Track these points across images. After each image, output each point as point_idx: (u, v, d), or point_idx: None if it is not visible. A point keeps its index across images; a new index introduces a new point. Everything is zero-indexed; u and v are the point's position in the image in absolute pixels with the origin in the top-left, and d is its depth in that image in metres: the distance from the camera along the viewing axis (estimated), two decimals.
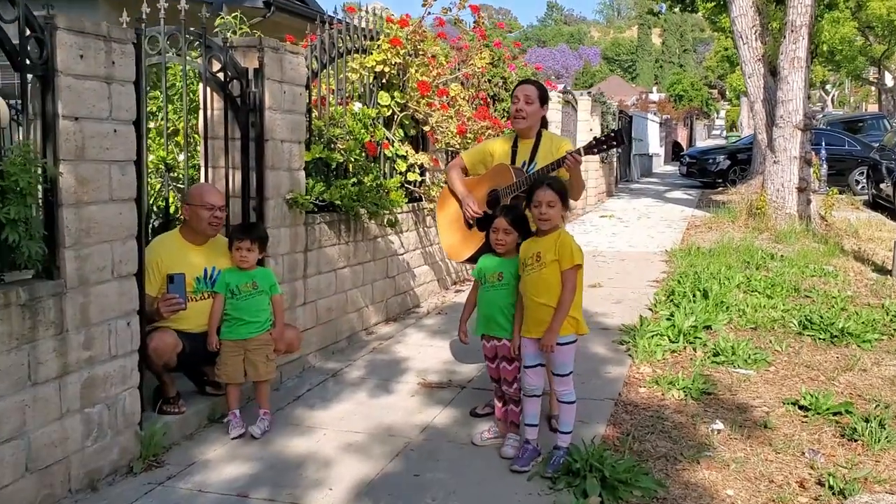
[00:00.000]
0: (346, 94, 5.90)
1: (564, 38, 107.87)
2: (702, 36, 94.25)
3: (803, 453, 3.91)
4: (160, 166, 4.86)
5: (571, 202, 4.06)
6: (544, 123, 4.43)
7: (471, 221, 4.38)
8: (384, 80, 6.23)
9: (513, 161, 4.33)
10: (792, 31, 11.35)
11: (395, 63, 6.07)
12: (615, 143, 4.11)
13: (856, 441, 4.01)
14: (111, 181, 3.50)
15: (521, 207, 4.00)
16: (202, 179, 4.77)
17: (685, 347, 5.68)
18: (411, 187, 6.66)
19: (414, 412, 4.47)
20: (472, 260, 4.33)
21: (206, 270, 4.17)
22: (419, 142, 6.86)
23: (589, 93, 17.27)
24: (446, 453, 3.90)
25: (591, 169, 16.67)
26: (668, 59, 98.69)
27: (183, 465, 3.76)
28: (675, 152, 37.42)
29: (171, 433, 3.99)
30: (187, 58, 4.57)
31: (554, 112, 12.70)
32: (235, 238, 4.13)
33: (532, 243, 3.74)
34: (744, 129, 36.65)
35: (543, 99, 4.32)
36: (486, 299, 3.94)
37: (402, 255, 6.72)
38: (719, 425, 4.25)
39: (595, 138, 4.17)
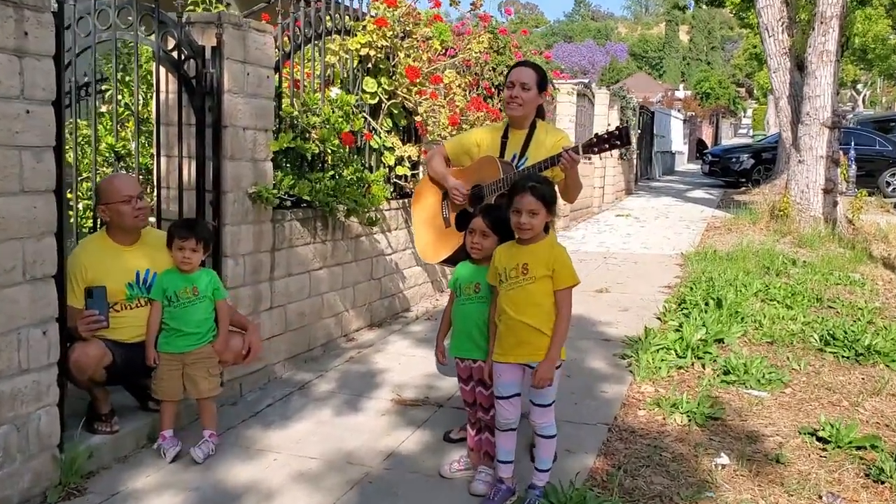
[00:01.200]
0: (328, 79, 5.41)
1: (591, 34, 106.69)
2: (730, 34, 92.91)
3: (820, 497, 3.37)
4: (109, 155, 4.39)
5: (562, 205, 3.55)
6: (540, 113, 3.91)
7: (458, 202, 3.85)
8: (370, 65, 5.73)
9: (501, 154, 3.82)
10: (822, 22, 10.73)
11: (382, 46, 5.57)
12: (618, 142, 3.51)
13: (882, 483, 3.46)
14: (22, 170, 3.02)
15: (504, 208, 3.50)
16: (157, 169, 4.31)
17: (693, 364, 5.14)
18: (401, 182, 6.17)
19: (381, 435, 3.98)
20: (450, 262, 3.83)
21: (138, 274, 3.69)
22: (411, 133, 6.35)
23: (608, 86, 16.67)
24: (409, 487, 3.41)
25: (610, 166, 16.11)
26: (695, 57, 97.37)
27: (107, 493, 3.30)
28: (699, 150, 36.70)
29: (99, 456, 3.53)
30: (140, 35, 4.13)
31: (567, 105, 12.14)
32: (178, 236, 3.65)
33: (514, 251, 3.20)
34: (770, 127, 35.77)
35: (542, 84, 3.80)
36: (461, 314, 3.43)
37: (390, 255, 6.23)
38: (724, 459, 3.72)
39: (596, 135, 3.60)
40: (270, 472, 3.54)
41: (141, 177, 4.48)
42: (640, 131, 20.19)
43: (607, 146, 3.54)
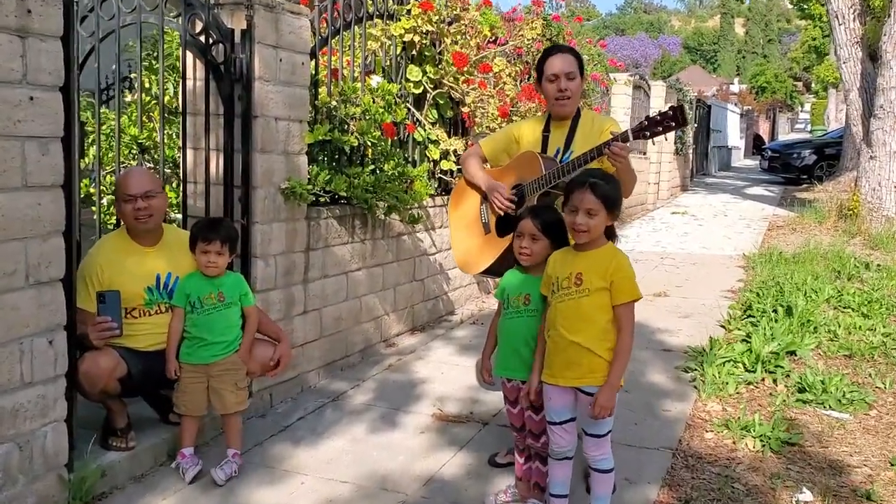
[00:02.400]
0: (369, 67, 5.06)
1: (644, 27, 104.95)
2: (787, 26, 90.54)
3: None
4: (133, 147, 4.10)
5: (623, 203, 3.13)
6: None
7: (501, 212, 3.45)
8: (415, 52, 5.36)
9: (544, 149, 3.42)
10: None
11: (427, 32, 5.19)
12: (673, 123, 3.06)
13: None
14: (25, 163, 2.73)
15: (556, 208, 3.11)
16: (183, 162, 4.01)
17: (763, 379, 4.68)
18: (446, 177, 5.79)
19: (419, 456, 3.62)
20: (491, 273, 3.44)
21: (158, 278, 3.38)
22: (458, 125, 5.97)
23: (663, 79, 16.07)
24: None
25: (665, 161, 15.53)
26: (751, 50, 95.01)
27: None
28: (755, 145, 35.66)
29: (113, 475, 3.24)
30: (166, 17, 3.82)
31: (623, 97, 11.65)
32: (201, 239, 3.33)
33: (569, 258, 2.80)
34: (830, 122, 34.57)
35: (582, 68, 3.39)
36: (509, 329, 3.03)
37: (434, 254, 5.86)
38: (807, 495, 3.28)
39: (647, 117, 3.14)
40: (296, 497, 3.21)
41: (168, 170, 4.19)
42: (696, 125, 19.51)
43: (661, 129, 3.10)
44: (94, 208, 4.10)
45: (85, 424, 3.40)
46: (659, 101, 14.63)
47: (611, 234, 2.81)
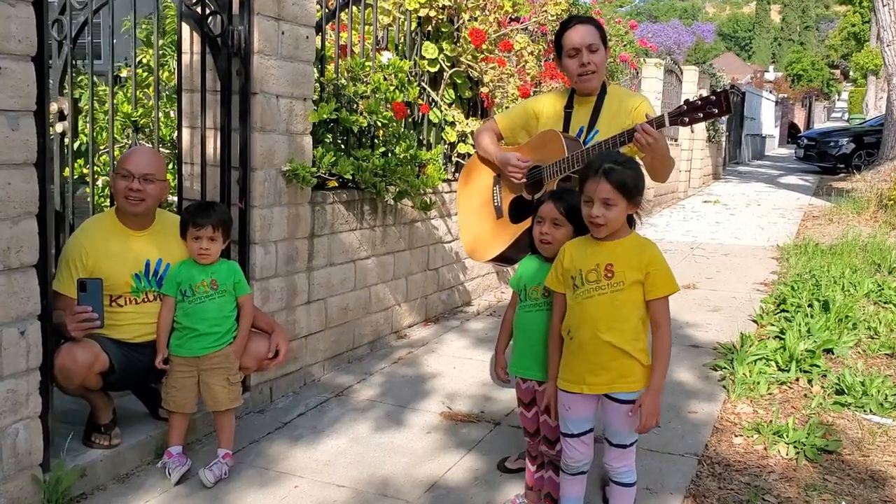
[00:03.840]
0: (381, 43, 4.79)
1: (677, 14, 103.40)
2: (825, 13, 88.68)
3: None
4: (127, 126, 3.88)
5: (649, 190, 2.84)
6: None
7: (515, 180, 3.13)
8: (431, 28, 5.08)
9: (566, 128, 3.12)
10: None
11: (444, 6, 4.91)
12: (715, 110, 2.71)
13: None
14: None
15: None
16: (179, 142, 3.78)
17: (797, 379, 4.37)
18: (463, 161, 5.51)
19: (424, 458, 3.37)
20: (502, 260, 3.17)
21: (148, 264, 3.16)
22: (478, 107, 5.69)
23: (696, 64, 15.64)
24: None
25: (697, 148, 15.11)
26: (787, 37, 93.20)
27: None
28: (790, 134, 34.91)
29: (94, 474, 3.03)
30: None
31: (654, 81, 11.27)
32: (192, 224, 3.09)
33: (591, 248, 2.50)
34: (869, 110, 33.69)
35: (605, 39, 3.09)
36: (526, 323, 2.76)
37: (449, 242, 5.59)
38: None
39: (687, 101, 2.80)
40: (288, 502, 2.97)
41: (165, 150, 3.97)
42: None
43: (702, 115, 2.75)
44: (87, 189, 3.89)
45: (70, 419, 3.21)
46: (691, 87, 14.21)
47: (630, 222, 2.52)
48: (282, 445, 3.46)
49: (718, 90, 2.76)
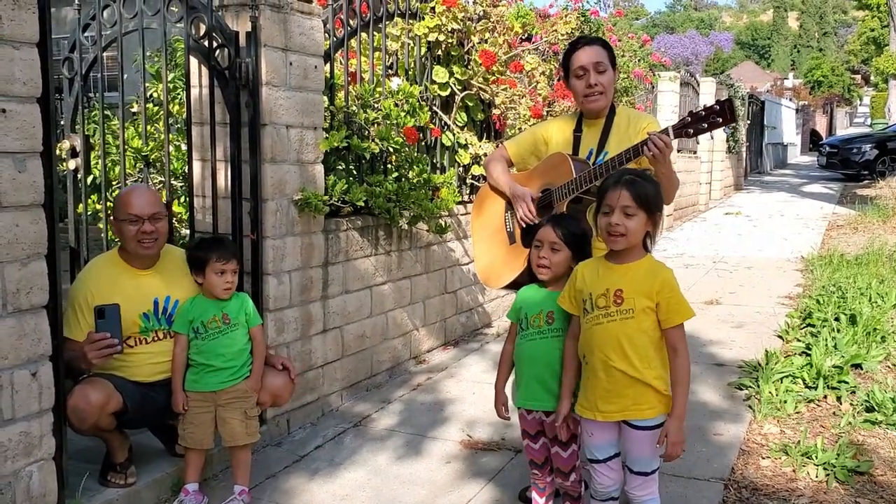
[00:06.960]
0: (391, 69, 4.78)
1: (694, 24, 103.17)
2: (843, 18, 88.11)
3: None
4: (139, 161, 3.88)
5: (667, 207, 2.79)
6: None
7: (523, 223, 3.12)
8: (440, 53, 5.06)
9: (575, 150, 3.08)
10: None
11: (453, 30, 4.89)
12: (720, 119, 2.71)
13: None
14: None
15: (581, 217, 2.79)
16: (189, 175, 3.77)
17: (826, 396, 4.26)
18: (478, 183, 5.48)
19: (443, 489, 3.31)
20: (516, 287, 3.12)
21: (157, 303, 3.14)
22: (490, 129, 5.66)
23: (713, 75, 15.53)
24: None
25: (717, 160, 15.00)
26: (805, 44, 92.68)
27: None
28: (812, 142, 34.56)
29: None
30: (169, 22, 3.61)
31: (670, 94, 11.19)
32: (216, 259, 3.05)
33: (603, 270, 2.46)
34: (892, 115, 33.25)
35: (614, 60, 3.06)
36: (529, 353, 2.71)
37: (466, 264, 5.55)
38: None
39: (691, 112, 2.81)
40: None
41: (177, 183, 3.97)
42: (749, 122, 18.84)
43: (706, 125, 2.76)
44: (100, 225, 3.90)
45: (87, 457, 3.19)
46: (708, 98, 14.11)
47: (644, 245, 2.46)
48: (299, 479, 3.42)
49: (721, 99, 2.74)
